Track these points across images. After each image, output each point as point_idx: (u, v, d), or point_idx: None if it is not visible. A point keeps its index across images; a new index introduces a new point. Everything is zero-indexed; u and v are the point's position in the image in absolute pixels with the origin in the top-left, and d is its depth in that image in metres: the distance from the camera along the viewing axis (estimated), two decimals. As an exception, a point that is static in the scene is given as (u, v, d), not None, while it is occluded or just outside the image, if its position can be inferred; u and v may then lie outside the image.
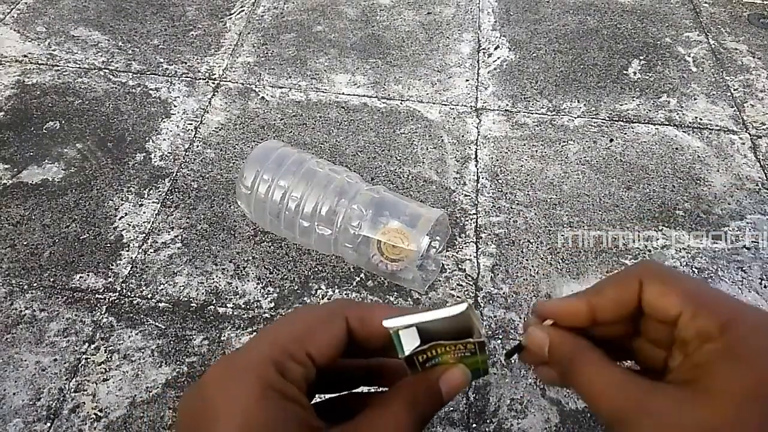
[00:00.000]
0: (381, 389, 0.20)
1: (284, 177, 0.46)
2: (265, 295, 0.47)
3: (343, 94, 0.65)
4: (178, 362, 0.42)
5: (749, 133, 0.63)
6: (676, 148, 0.61)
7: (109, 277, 0.47)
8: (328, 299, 0.46)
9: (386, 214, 0.44)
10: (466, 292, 0.47)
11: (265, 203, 0.46)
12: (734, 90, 0.68)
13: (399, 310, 0.19)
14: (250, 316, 0.45)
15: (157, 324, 0.44)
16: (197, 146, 0.59)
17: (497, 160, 0.59)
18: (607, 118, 0.64)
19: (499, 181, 0.57)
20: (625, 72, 0.70)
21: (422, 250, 0.44)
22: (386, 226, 0.44)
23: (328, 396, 0.21)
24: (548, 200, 0.55)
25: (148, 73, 0.67)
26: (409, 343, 0.18)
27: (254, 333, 0.44)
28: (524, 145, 0.60)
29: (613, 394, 0.19)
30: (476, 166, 0.58)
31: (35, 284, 0.46)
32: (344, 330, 0.19)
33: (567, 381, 0.21)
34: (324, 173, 0.46)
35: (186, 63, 0.68)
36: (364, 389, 0.21)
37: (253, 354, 0.18)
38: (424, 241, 0.43)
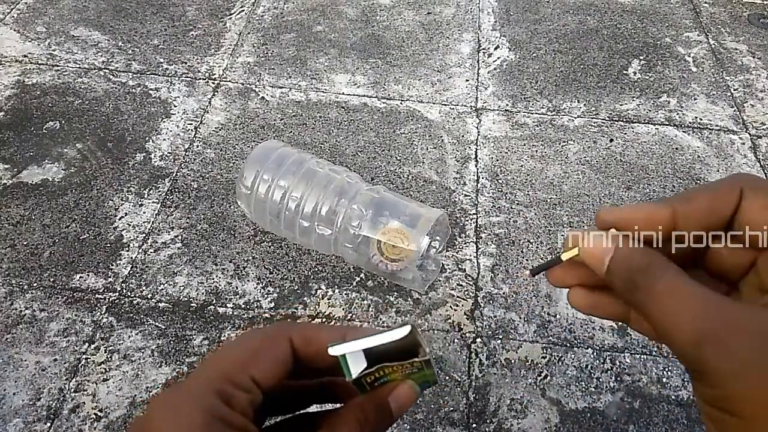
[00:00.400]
0: (334, 406, 0.20)
1: (284, 177, 0.46)
2: (265, 295, 0.47)
3: (343, 94, 0.65)
4: (178, 362, 0.42)
5: (749, 133, 0.63)
6: (676, 148, 0.61)
7: (109, 277, 0.47)
8: (328, 299, 0.46)
9: (386, 214, 0.44)
10: (466, 292, 0.47)
11: (265, 203, 0.46)
12: (734, 90, 0.68)
13: (344, 331, 0.19)
14: (250, 316, 0.45)
15: (157, 324, 0.44)
16: (197, 146, 0.59)
17: (497, 160, 0.59)
18: (607, 118, 0.64)
19: (499, 181, 0.57)
20: (625, 72, 0.70)
21: (422, 250, 0.44)
22: (386, 226, 0.44)
23: (279, 418, 0.21)
24: (548, 200, 0.55)
25: (148, 73, 0.67)
26: (356, 366, 0.18)
27: (254, 333, 0.44)
28: (524, 145, 0.60)
29: (699, 310, 0.17)
30: (476, 166, 0.58)
31: (35, 284, 0.46)
32: (289, 352, 0.19)
33: (633, 297, 0.18)
34: (324, 173, 0.46)
35: (186, 63, 0.68)
36: (317, 407, 0.21)
37: (196, 384, 0.18)
38: (424, 241, 0.43)
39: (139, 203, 0.53)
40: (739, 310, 0.17)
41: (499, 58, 0.71)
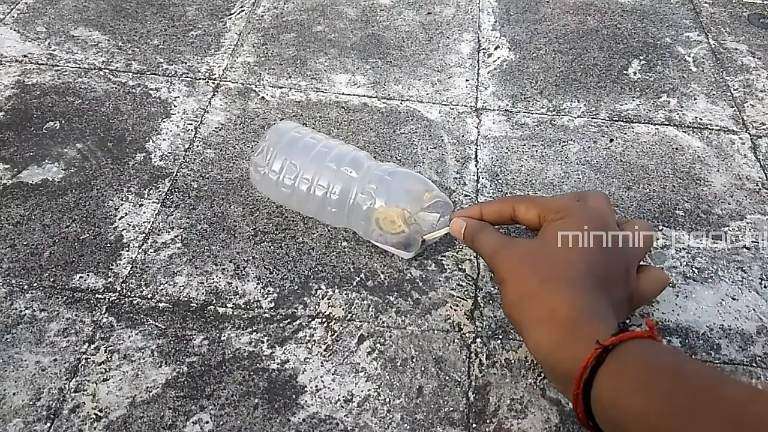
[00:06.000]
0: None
1: (297, 157, 0.47)
2: (265, 295, 0.47)
3: (343, 94, 0.65)
4: (178, 362, 0.42)
5: (749, 133, 0.63)
6: (676, 148, 0.61)
7: (109, 277, 0.47)
8: (328, 299, 0.46)
9: (392, 193, 0.46)
10: (466, 292, 0.47)
11: (278, 182, 0.47)
12: (734, 90, 0.68)
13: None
14: (250, 316, 0.45)
15: (157, 324, 0.44)
16: (197, 146, 0.59)
17: (497, 160, 0.59)
18: (607, 118, 0.64)
19: (499, 181, 0.57)
20: (625, 72, 0.70)
21: (419, 231, 0.46)
22: (383, 208, 0.45)
23: None
24: (548, 200, 0.55)
25: (148, 73, 0.67)
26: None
27: (254, 333, 0.44)
28: (524, 145, 0.60)
29: (495, 241, 0.40)
30: (476, 166, 0.58)
31: (35, 284, 0.46)
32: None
33: (473, 242, 0.42)
34: (336, 152, 0.47)
35: (186, 63, 0.68)
36: None
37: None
38: (421, 220, 0.44)
39: (139, 203, 0.53)
40: (510, 240, 0.40)
41: (499, 58, 0.71)
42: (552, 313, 0.34)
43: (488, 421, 0.40)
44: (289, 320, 0.45)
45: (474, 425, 0.40)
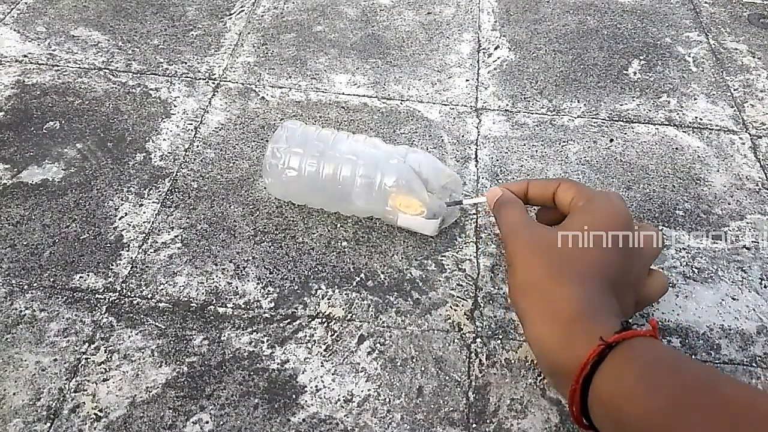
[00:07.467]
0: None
1: (314, 153, 0.48)
2: (265, 295, 0.47)
3: (343, 94, 0.65)
4: (178, 362, 0.42)
5: (749, 133, 0.63)
6: (676, 148, 0.61)
7: (109, 277, 0.47)
8: (328, 299, 0.46)
9: (408, 178, 0.47)
10: (466, 292, 0.47)
11: (297, 180, 0.48)
12: (734, 90, 0.68)
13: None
14: (250, 316, 0.45)
15: (157, 324, 0.44)
16: (197, 146, 0.59)
17: (497, 160, 0.59)
18: (607, 118, 0.64)
19: (500, 181, 0.57)
20: (625, 72, 0.70)
21: (434, 212, 0.48)
22: (397, 195, 0.47)
23: None
24: (548, 200, 0.55)
25: (148, 73, 0.67)
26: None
27: (254, 333, 0.44)
28: (524, 145, 0.60)
29: (517, 220, 0.40)
30: (476, 166, 0.58)
31: (35, 284, 0.46)
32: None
33: (498, 214, 0.42)
34: (354, 147, 0.49)
35: (186, 63, 0.68)
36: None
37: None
38: (434, 205, 0.45)
39: (139, 203, 0.53)
40: (531, 224, 0.40)
41: (499, 58, 0.71)
42: (555, 307, 0.34)
43: (488, 421, 0.40)
44: (289, 320, 0.45)
45: (474, 425, 0.40)
